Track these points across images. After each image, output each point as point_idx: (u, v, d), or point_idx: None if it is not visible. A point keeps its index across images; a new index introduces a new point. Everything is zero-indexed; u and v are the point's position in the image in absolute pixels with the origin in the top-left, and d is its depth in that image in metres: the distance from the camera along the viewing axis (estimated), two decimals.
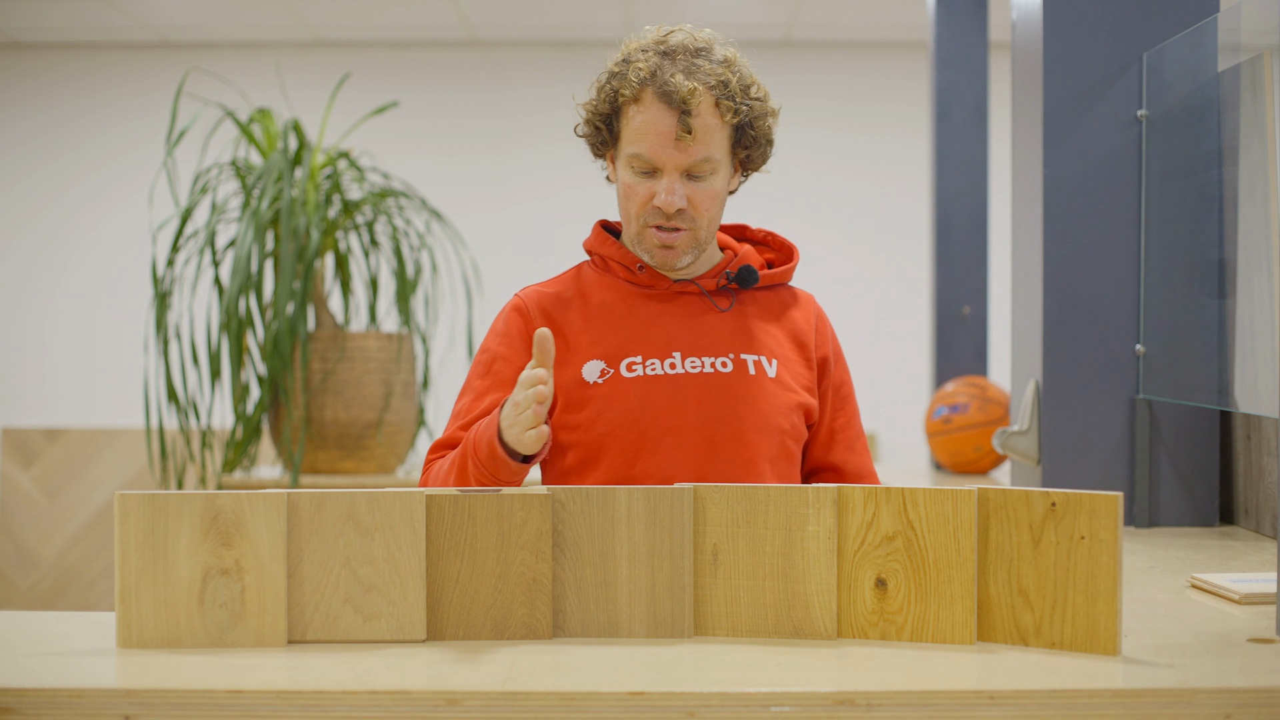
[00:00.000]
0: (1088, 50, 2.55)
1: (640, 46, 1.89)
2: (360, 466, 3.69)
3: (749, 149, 1.90)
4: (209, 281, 3.95)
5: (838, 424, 1.98)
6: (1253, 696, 1.33)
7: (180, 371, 3.63)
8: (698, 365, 1.88)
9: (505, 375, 1.90)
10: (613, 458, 1.85)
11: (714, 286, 1.94)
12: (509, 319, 1.94)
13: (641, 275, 1.93)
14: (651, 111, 1.83)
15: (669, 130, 1.82)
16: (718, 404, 1.87)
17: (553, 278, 2.00)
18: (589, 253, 2.00)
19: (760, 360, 1.91)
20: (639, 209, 1.87)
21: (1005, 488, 1.51)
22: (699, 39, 1.88)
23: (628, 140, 1.87)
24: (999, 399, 3.68)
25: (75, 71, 6.80)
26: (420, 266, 3.86)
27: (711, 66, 1.84)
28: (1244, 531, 2.52)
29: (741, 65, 1.88)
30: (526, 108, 6.79)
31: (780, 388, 1.90)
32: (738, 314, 1.94)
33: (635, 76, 1.84)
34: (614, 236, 1.99)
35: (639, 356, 1.88)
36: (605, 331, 1.90)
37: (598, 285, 1.95)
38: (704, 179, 1.85)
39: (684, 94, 1.80)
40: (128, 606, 1.50)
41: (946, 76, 4.32)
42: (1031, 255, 2.63)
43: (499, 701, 1.33)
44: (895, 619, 1.53)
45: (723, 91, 1.83)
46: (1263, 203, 2.22)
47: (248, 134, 3.76)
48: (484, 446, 1.74)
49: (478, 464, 1.75)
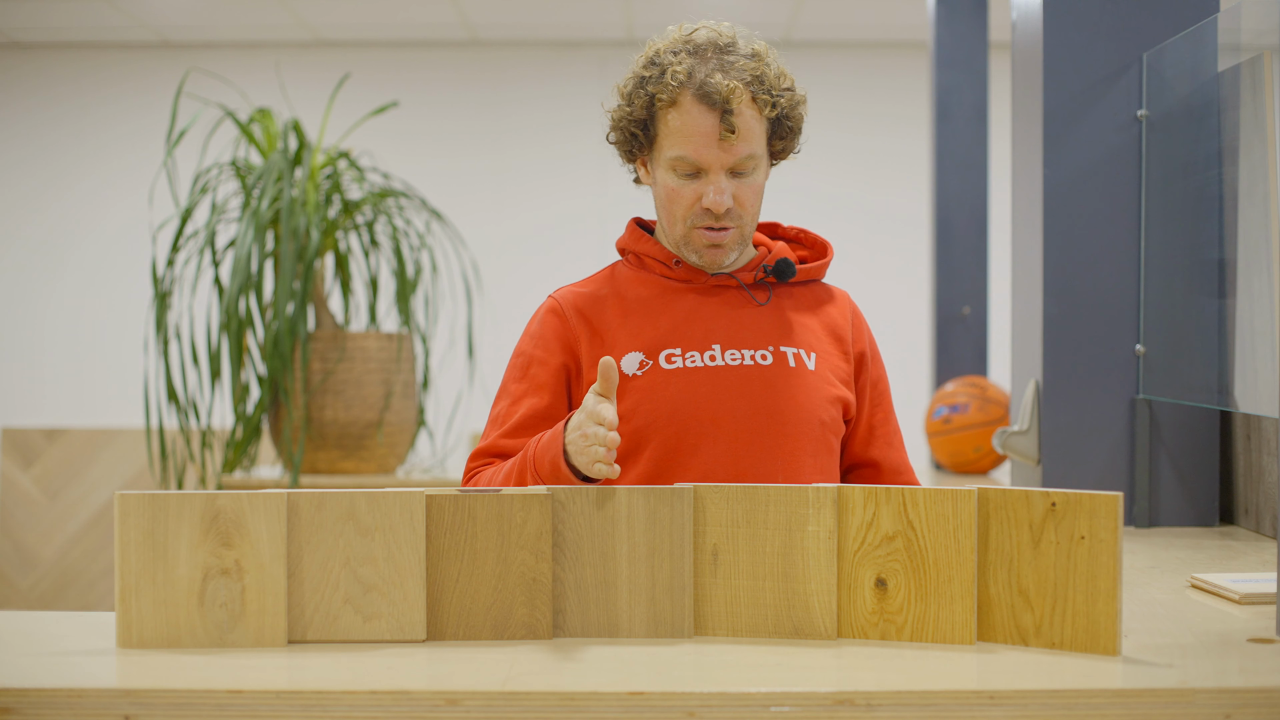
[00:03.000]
0: (1088, 50, 2.55)
1: (668, 48, 1.86)
2: (360, 466, 3.69)
3: (784, 140, 1.90)
4: (209, 281, 3.95)
5: (876, 419, 1.98)
6: (1253, 696, 1.33)
7: (180, 371, 3.63)
8: (737, 357, 1.88)
9: (541, 379, 1.89)
10: (654, 449, 1.84)
11: (751, 280, 1.94)
12: (544, 321, 1.93)
13: (678, 270, 1.92)
14: (692, 114, 1.82)
15: (712, 131, 1.81)
16: (758, 396, 1.86)
17: (586, 278, 2.00)
18: (623, 251, 1.99)
19: (799, 353, 1.90)
20: (685, 211, 1.86)
21: (1005, 488, 1.51)
22: (724, 34, 1.87)
23: (668, 144, 1.85)
24: (999, 399, 3.68)
25: (75, 71, 6.80)
26: (420, 266, 3.86)
27: (744, 62, 1.84)
28: (1244, 531, 2.52)
29: (771, 57, 1.87)
30: (526, 108, 6.79)
31: (820, 380, 1.90)
32: (775, 308, 1.93)
33: (671, 79, 1.83)
34: (648, 234, 1.98)
35: (678, 349, 1.87)
36: (643, 325, 1.89)
37: (634, 281, 1.94)
38: (747, 175, 1.85)
39: (725, 93, 1.80)
40: (128, 606, 1.50)
41: (946, 76, 4.32)
42: (1031, 255, 2.63)
43: (499, 701, 1.33)
44: (895, 619, 1.53)
45: (759, 86, 1.83)
46: (1263, 203, 2.22)
47: (248, 134, 3.76)
48: (547, 465, 1.72)
49: (539, 480, 1.74)
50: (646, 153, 1.91)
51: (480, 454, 1.89)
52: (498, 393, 1.94)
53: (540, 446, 1.75)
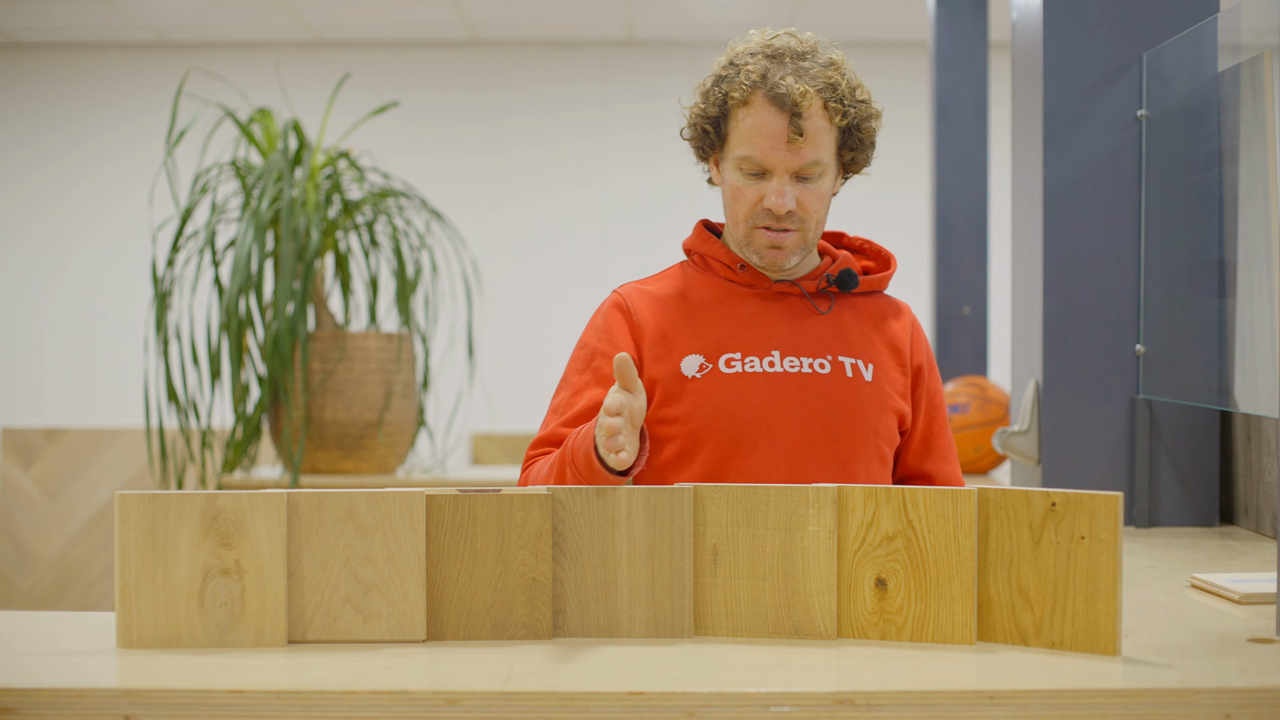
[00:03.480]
0: (1088, 50, 2.55)
1: (747, 50, 1.89)
2: (360, 466, 3.69)
3: (854, 151, 1.91)
4: (209, 281, 3.95)
5: (932, 432, 1.99)
6: (1253, 696, 1.33)
7: (180, 371, 3.63)
8: (796, 365, 1.89)
9: (606, 371, 1.90)
10: (709, 452, 1.86)
11: (814, 289, 1.95)
12: (609, 315, 1.95)
13: (743, 274, 1.94)
14: (762, 114, 1.84)
15: (780, 132, 1.83)
16: (815, 404, 1.87)
17: (650, 276, 2.01)
18: (689, 252, 2.00)
19: (857, 363, 1.92)
20: (748, 211, 1.88)
21: (1005, 488, 1.51)
22: (805, 42, 1.89)
23: (736, 143, 1.87)
24: (999, 399, 3.68)
25: (75, 71, 6.80)
26: (420, 266, 3.86)
27: (820, 69, 1.85)
28: (1244, 531, 2.52)
29: (848, 68, 1.89)
30: (526, 108, 6.79)
31: (876, 392, 1.91)
32: (836, 317, 1.94)
33: (745, 79, 1.85)
34: (715, 236, 1.99)
35: (738, 353, 1.89)
36: (705, 327, 1.91)
37: (698, 283, 1.96)
38: (812, 181, 1.86)
39: (795, 96, 1.81)
40: (128, 606, 1.50)
41: (946, 76, 4.32)
42: (1031, 255, 2.63)
43: (499, 701, 1.33)
44: (895, 619, 1.53)
45: (831, 94, 1.85)
46: (1263, 203, 2.22)
47: (248, 134, 3.76)
48: (581, 459, 1.74)
49: (576, 473, 1.75)
50: (718, 151, 1.92)
51: (540, 442, 1.91)
52: (559, 384, 1.96)
53: (577, 440, 1.77)
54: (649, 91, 6.76)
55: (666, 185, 6.68)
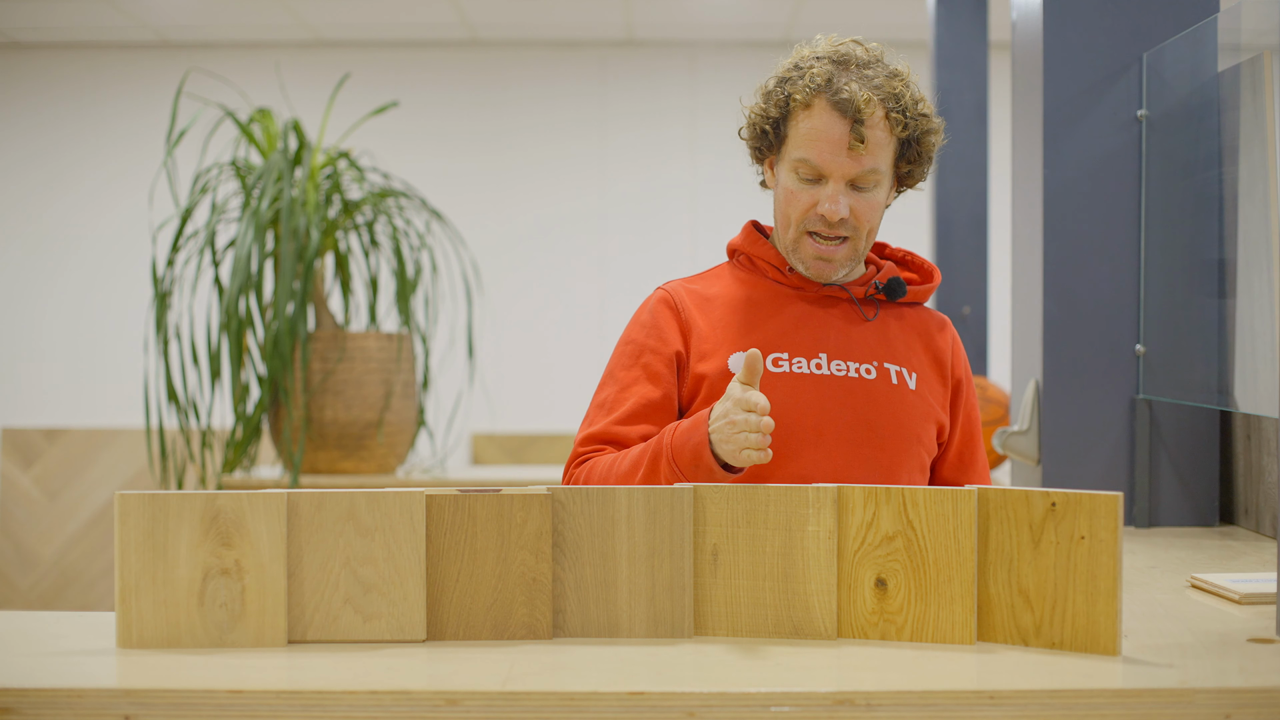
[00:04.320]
0: (1088, 50, 2.55)
1: (813, 54, 1.88)
2: (360, 466, 3.69)
3: (912, 164, 1.90)
4: (209, 281, 3.95)
5: (968, 446, 1.99)
6: (1253, 696, 1.33)
7: (180, 371, 3.63)
8: (843, 369, 1.88)
9: (655, 368, 1.89)
10: None
11: (862, 295, 1.94)
12: (656, 311, 1.93)
13: (791, 276, 1.93)
14: (824, 119, 1.83)
15: (841, 138, 1.82)
16: (861, 409, 1.87)
17: (696, 274, 2.00)
18: (735, 252, 1.99)
19: (902, 371, 1.91)
20: (800, 215, 1.87)
21: (1005, 488, 1.51)
22: (871, 51, 1.88)
23: (795, 145, 1.85)
24: (999, 399, 3.68)
25: (75, 71, 6.80)
26: (420, 266, 3.86)
27: (884, 79, 1.84)
28: (1244, 531, 2.52)
29: (912, 80, 1.88)
30: (526, 108, 6.78)
31: (919, 400, 1.91)
32: (881, 324, 1.94)
33: (810, 83, 1.83)
34: (764, 238, 1.98)
35: (785, 353, 1.88)
36: (752, 326, 1.90)
37: (745, 283, 1.95)
38: (867, 190, 1.85)
39: (859, 103, 1.80)
40: (128, 606, 1.50)
41: (946, 76, 4.31)
42: (1031, 255, 2.63)
43: (499, 701, 1.33)
44: (895, 619, 1.53)
45: (894, 104, 1.84)
46: (1263, 203, 2.22)
47: (248, 134, 3.76)
48: (687, 455, 1.72)
49: (676, 470, 1.74)
50: (775, 153, 1.91)
51: (591, 439, 1.88)
52: (603, 379, 1.93)
53: (678, 436, 1.74)
54: (649, 91, 6.76)
55: (666, 185, 6.68)
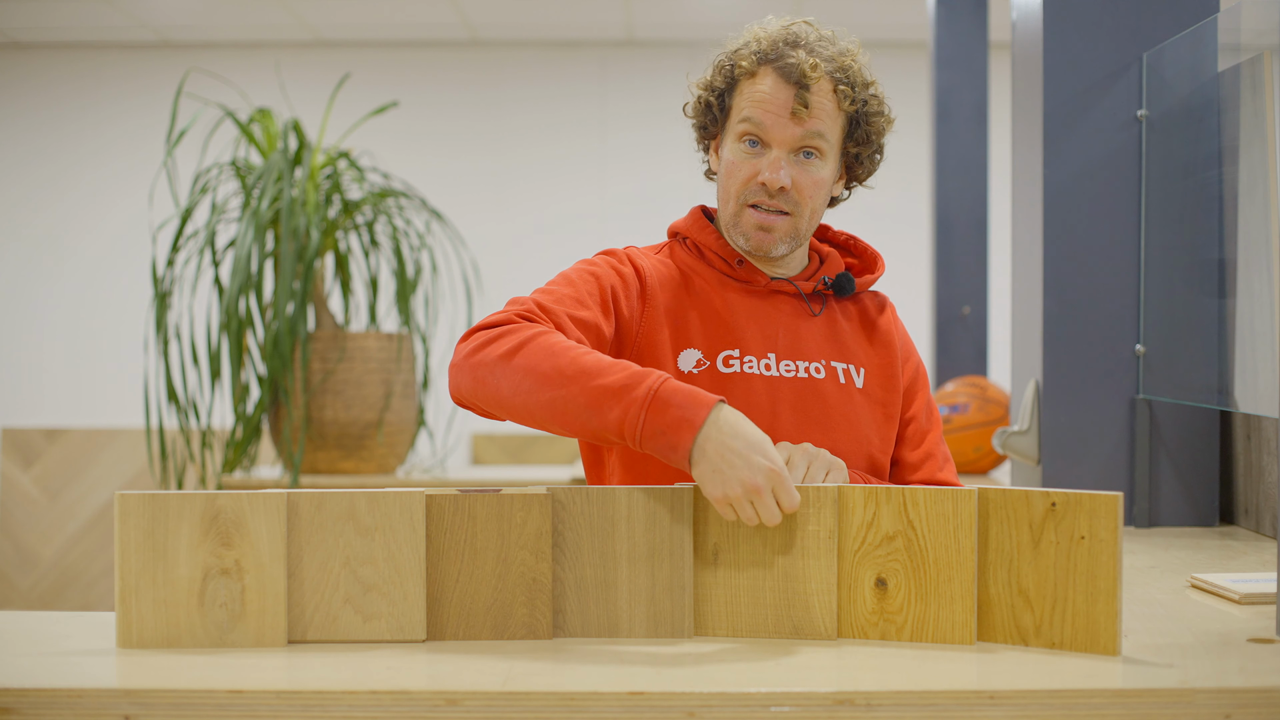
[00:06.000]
0: (1088, 50, 2.55)
1: (764, 31, 1.85)
2: (360, 466, 3.69)
3: (860, 146, 1.86)
4: (209, 281, 3.95)
5: (929, 440, 1.95)
6: (1253, 696, 1.33)
7: (180, 371, 3.63)
8: (792, 369, 1.85)
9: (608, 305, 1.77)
10: None
11: (810, 290, 1.90)
12: (627, 260, 1.84)
13: (740, 270, 1.88)
14: (768, 83, 1.80)
15: (785, 103, 1.79)
16: (811, 410, 1.84)
17: (648, 247, 1.93)
18: (678, 233, 1.93)
19: (849, 369, 1.88)
20: (740, 186, 1.82)
21: (1005, 488, 1.51)
22: (822, 31, 1.86)
23: (739, 110, 1.82)
24: (999, 399, 3.68)
25: (75, 71, 6.80)
26: (420, 266, 3.86)
27: (832, 51, 1.82)
28: (1244, 531, 2.52)
29: (864, 61, 1.85)
30: (526, 108, 6.79)
31: (867, 399, 1.88)
32: (828, 319, 1.91)
33: (754, 51, 1.82)
34: (711, 224, 1.93)
35: (736, 351, 1.83)
36: (703, 320, 1.85)
37: (693, 271, 1.89)
38: (812, 162, 1.81)
39: (805, 68, 1.78)
40: (128, 606, 1.50)
41: (946, 76, 4.32)
42: (1031, 255, 2.63)
43: (499, 701, 1.33)
44: (895, 619, 1.53)
45: (842, 77, 1.81)
46: (1263, 203, 2.22)
47: (248, 134, 3.76)
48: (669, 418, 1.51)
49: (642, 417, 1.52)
50: (720, 128, 1.88)
51: (542, 307, 1.69)
52: (558, 276, 1.79)
53: (677, 394, 1.53)
54: (649, 91, 6.76)
55: (666, 185, 6.68)
